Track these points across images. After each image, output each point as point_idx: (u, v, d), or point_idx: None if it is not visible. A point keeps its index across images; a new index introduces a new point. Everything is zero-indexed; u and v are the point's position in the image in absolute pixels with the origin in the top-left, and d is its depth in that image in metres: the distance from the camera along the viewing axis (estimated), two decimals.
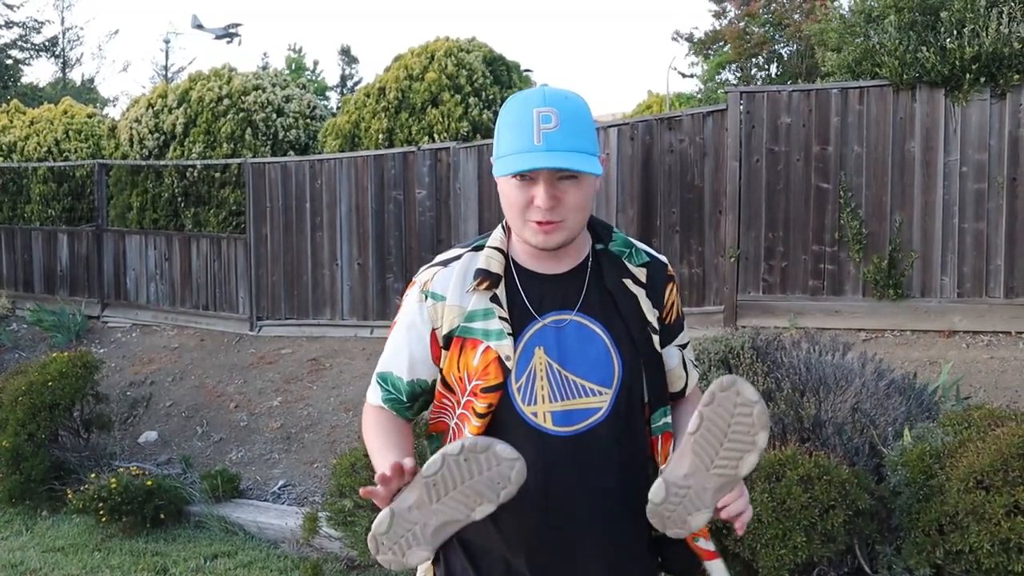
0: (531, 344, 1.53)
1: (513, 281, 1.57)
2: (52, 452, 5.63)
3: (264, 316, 8.49)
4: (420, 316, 1.59)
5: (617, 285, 1.60)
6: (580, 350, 1.54)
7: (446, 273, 1.59)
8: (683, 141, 6.54)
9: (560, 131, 1.44)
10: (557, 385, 1.53)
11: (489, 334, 1.53)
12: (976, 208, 5.79)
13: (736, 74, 21.50)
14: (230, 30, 21.82)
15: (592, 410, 1.53)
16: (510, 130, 1.48)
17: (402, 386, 1.62)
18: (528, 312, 1.55)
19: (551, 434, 1.52)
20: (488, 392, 1.52)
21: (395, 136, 8.55)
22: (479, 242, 1.62)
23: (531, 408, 1.53)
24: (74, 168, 10.76)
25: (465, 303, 1.55)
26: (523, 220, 1.50)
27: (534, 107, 1.46)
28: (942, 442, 3.02)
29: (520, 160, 1.44)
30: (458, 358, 1.56)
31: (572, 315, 1.56)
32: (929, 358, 5.46)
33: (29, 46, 29.36)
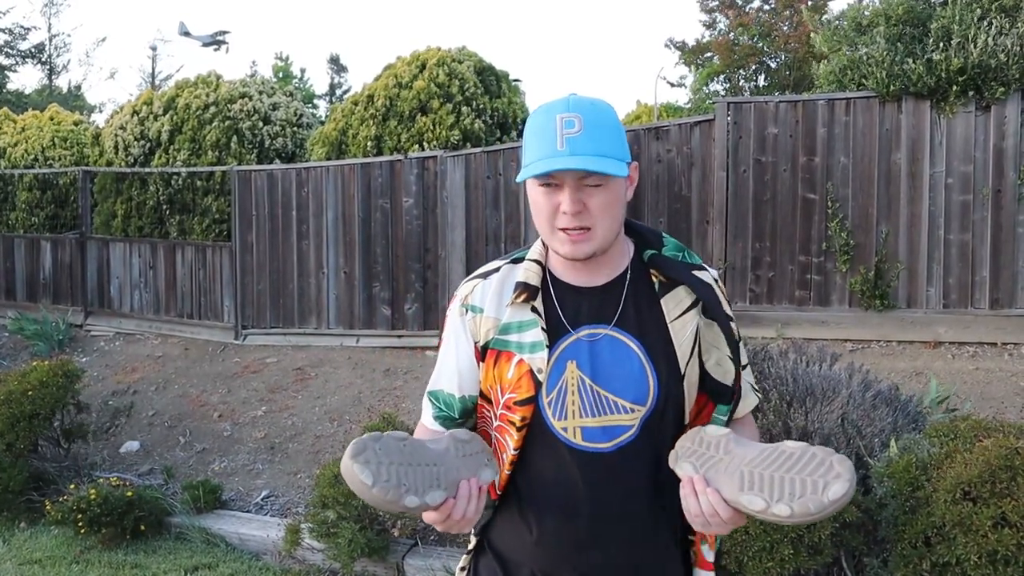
0: (563, 358, 1.51)
1: (549, 294, 1.56)
2: (31, 462, 5.54)
3: (249, 325, 8.42)
4: (463, 330, 1.59)
5: (690, 278, 1.55)
6: (613, 365, 1.51)
7: (485, 285, 1.59)
8: (671, 151, 6.54)
9: (584, 135, 1.42)
10: (589, 400, 1.50)
11: (523, 347, 1.52)
12: (961, 220, 5.81)
13: (724, 85, 21.60)
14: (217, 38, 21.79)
15: (623, 427, 1.50)
16: (534, 137, 1.47)
17: (454, 403, 1.61)
18: (562, 325, 1.53)
19: (580, 450, 1.50)
20: (520, 405, 1.51)
21: (383, 144, 8.52)
22: (519, 255, 1.62)
23: (561, 423, 1.51)
24: (58, 175, 10.69)
25: (501, 315, 1.55)
26: (552, 229, 1.48)
27: (557, 113, 1.44)
28: (928, 453, 3.00)
29: (542, 165, 1.43)
30: (493, 370, 1.55)
31: (608, 329, 1.53)
32: (915, 369, 5.46)
33: (15, 52, 29.22)
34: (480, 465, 1.45)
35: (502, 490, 1.59)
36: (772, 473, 1.33)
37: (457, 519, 1.38)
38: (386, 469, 1.33)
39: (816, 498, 1.27)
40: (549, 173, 1.43)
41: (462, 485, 1.39)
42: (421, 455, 1.38)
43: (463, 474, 1.41)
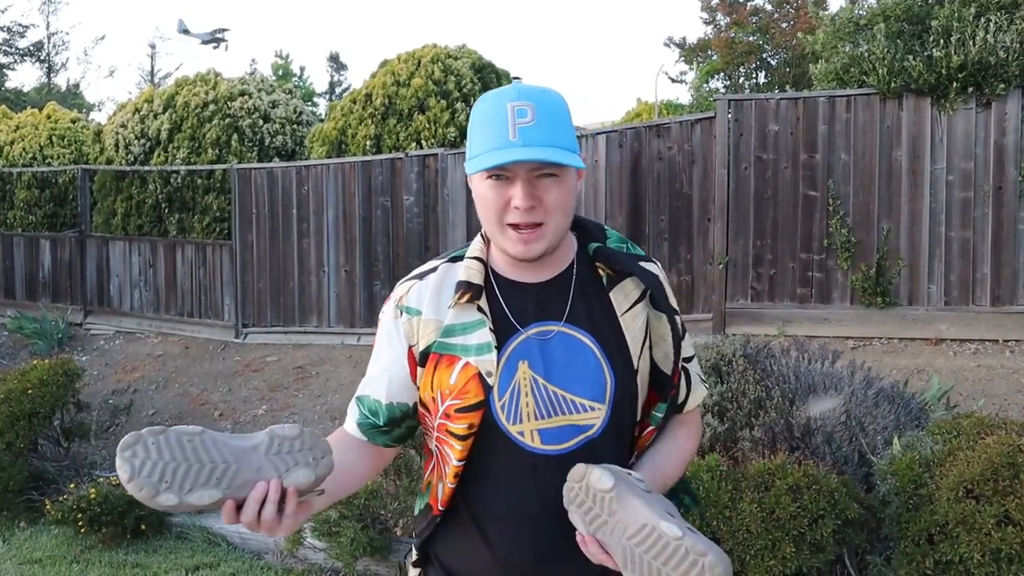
0: (514, 358, 1.43)
1: (493, 292, 1.47)
2: (31, 462, 5.53)
3: (250, 323, 8.41)
4: (396, 333, 1.49)
5: (639, 270, 1.50)
6: (568, 363, 1.43)
7: (422, 286, 1.49)
8: (672, 148, 6.53)
9: (537, 125, 1.34)
10: (544, 401, 1.42)
11: (468, 349, 1.43)
12: (962, 216, 5.80)
13: (724, 82, 21.58)
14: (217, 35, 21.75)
15: (583, 427, 1.42)
16: (483, 127, 1.38)
17: (380, 409, 1.51)
18: (510, 324, 1.44)
19: (540, 453, 1.41)
20: (466, 412, 1.41)
21: (382, 142, 8.51)
22: (457, 253, 1.52)
23: (517, 427, 1.42)
24: (57, 174, 10.67)
25: (442, 317, 1.46)
26: (501, 226, 1.39)
27: (508, 101, 1.36)
28: (931, 451, 2.99)
29: (494, 156, 1.34)
30: (432, 376, 1.45)
31: (559, 326, 1.45)
32: (917, 366, 5.46)
33: (14, 51, 29.19)
34: (294, 464, 1.29)
35: (446, 505, 1.47)
36: (649, 560, 1.26)
37: (247, 522, 1.26)
38: (151, 464, 1.23)
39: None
40: (503, 165, 1.33)
41: (258, 486, 1.26)
42: (211, 452, 1.26)
43: (263, 474, 1.27)
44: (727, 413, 3.51)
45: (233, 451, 1.28)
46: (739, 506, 2.85)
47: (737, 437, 3.40)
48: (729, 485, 2.92)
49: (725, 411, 3.52)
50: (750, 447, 3.31)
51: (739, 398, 3.52)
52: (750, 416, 3.47)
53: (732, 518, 2.84)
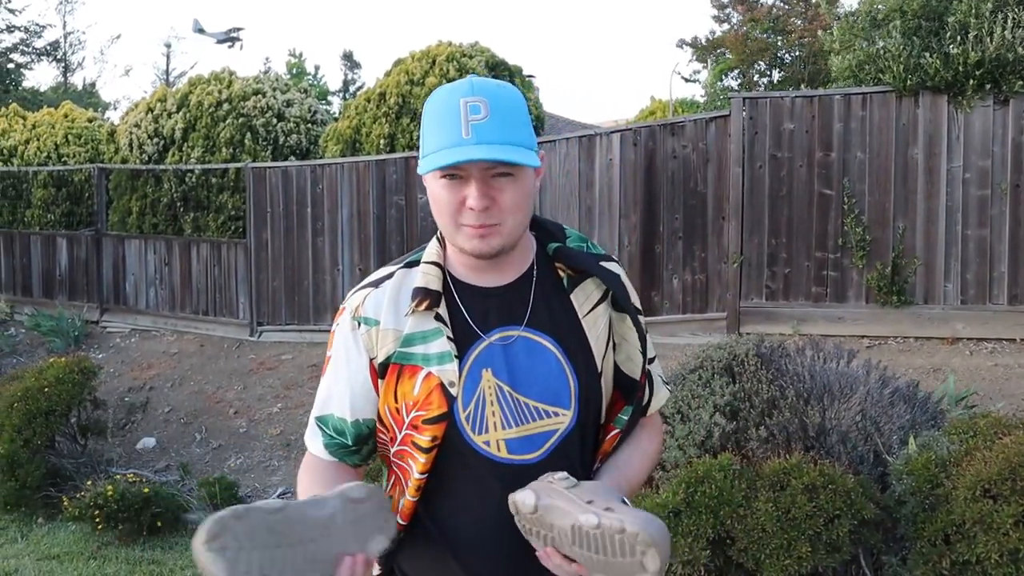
0: (477, 366, 1.38)
1: (453, 298, 1.41)
2: (48, 458, 5.58)
3: (264, 321, 8.45)
4: (355, 346, 1.41)
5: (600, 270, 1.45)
6: (531, 369, 1.39)
7: (378, 295, 1.42)
8: (686, 147, 6.51)
9: (491, 122, 1.28)
10: (510, 410, 1.37)
11: (429, 359, 1.37)
12: (979, 215, 5.76)
13: (738, 80, 21.50)
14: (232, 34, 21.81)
15: (548, 433, 1.38)
16: (435, 123, 1.32)
17: (346, 428, 1.43)
18: (471, 331, 1.39)
19: (507, 463, 1.36)
20: (431, 423, 1.36)
21: (396, 141, 8.52)
22: (412, 257, 1.46)
23: (482, 437, 1.36)
24: (73, 172, 10.74)
25: (401, 326, 1.39)
26: (455, 225, 1.34)
27: (461, 97, 1.30)
28: (948, 451, 2.98)
29: (446, 155, 1.27)
30: (395, 387, 1.39)
31: (520, 330, 1.40)
32: (933, 365, 5.43)
33: (31, 50, 29.39)
34: (372, 532, 1.26)
35: (408, 519, 1.42)
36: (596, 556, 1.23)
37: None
38: (247, 556, 1.13)
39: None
40: (455, 164, 1.27)
41: (344, 564, 1.22)
42: (297, 531, 1.19)
43: (349, 547, 1.23)
44: (740, 413, 3.50)
45: (315, 525, 1.21)
46: (754, 505, 2.84)
47: (748, 436, 3.39)
48: (743, 484, 2.91)
49: (738, 411, 3.51)
50: (758, 445, 3.30)
51: (752, 397, 3.51)
52: (763, 415, 3.46)
53: (747, 517, 2.83)
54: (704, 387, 3.59)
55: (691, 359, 3.89)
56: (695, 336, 6.24)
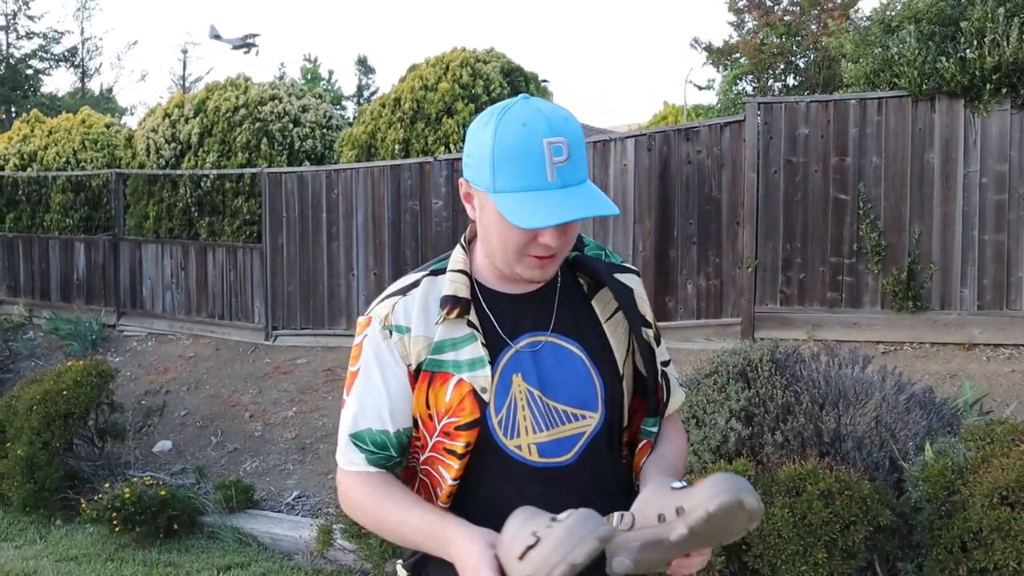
0: (507, 372, 1.41)
1: (481, 305, 1.44)
2: (66, 461, 5.64)
3: (280, 326, 8.49)
4: (391, 354, 1.42)
5: (613, 282, 1.49)
6: (559, 374, 1.43)
7: (407, 302, 1.44)
8: (700, 152, 6.51)
9: (571, 163, 1.32)
10: (540, 414, 1.41)
11: (460, 365, 1.40)
12: (996, 219, 5.73)
13: (752, 85, 21.45)
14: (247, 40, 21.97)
15: (576, 436, 1.42)
16: (515, 161, 1.32)
17: (389, 440, 1.43)
18: (500, 338, 1.42)
19: (539, 467, 1.40)
20: (464, 429, 1.38)
21: (411, 146, 8.56)
22: (437, 265, 1.49)
23: (514, 441, 1.40)
24: (91, 177, 10.84)
25: (432, 333, 1.41)
26: (519, 255, 1.37)
27: (543, 138, 1.31)
28: (964, 457, 2.97)
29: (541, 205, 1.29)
30: (426, 395, 1.41)
31: (547, 336, 1.44)
32: (949, 371, 5.40)
33: (49, 56, 29.68)
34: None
35: None
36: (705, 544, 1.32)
37: None
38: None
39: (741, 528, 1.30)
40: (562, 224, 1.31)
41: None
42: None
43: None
44: (754, 418, 3.49)
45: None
46: (769, 511, 2.84)
47: (763, 442, 3.39)
48: (759, 490, 2.91)
49: (752, 416, 3.50)
50: (773, 451, 3.30)
51: (766, 403, 3.51)
52: (778, 421, 3.45)
53: (762, 523, 2.83)
54: (719, 392, 3.59)
55: (706, 364, 3.89)
56: (709, 341, 6.23)
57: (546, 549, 1.17)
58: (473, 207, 1.43)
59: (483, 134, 1.36)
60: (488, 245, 1.42)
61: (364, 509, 1.44)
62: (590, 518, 1.19)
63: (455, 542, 1.30)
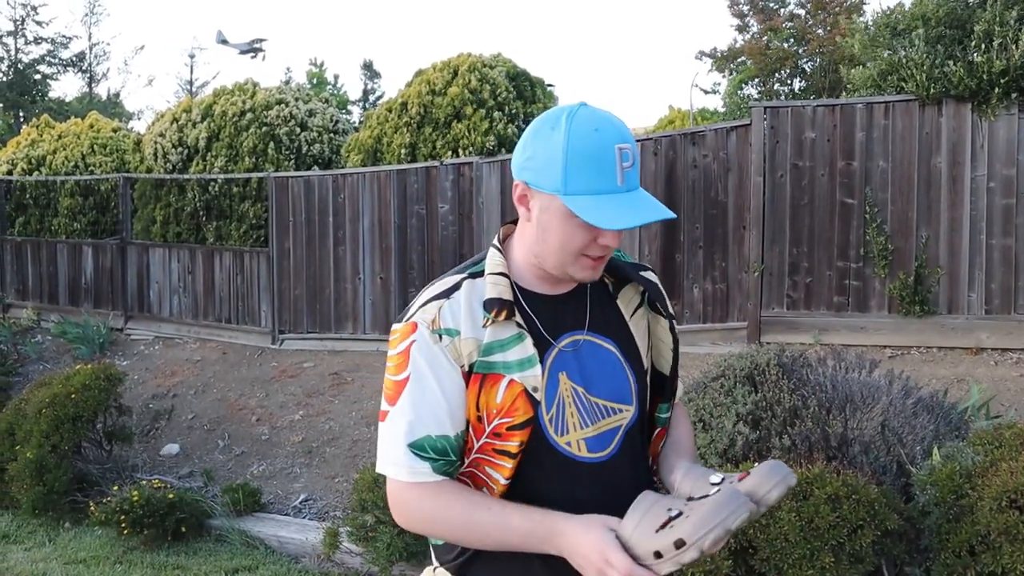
0: (554, 371, 1.45)
1: (522, 306, 1.47)
2: (75, 464, 5.66)
3: (286, 330, 8.51)
4: (445, 358, 1.42)
5: (639, 278, 1.58)
6: (599, 370, 1.49)
7: (452, 305, 1.44)
8: (707, 156, 6.51)
9: (634, 167, 1.40)
10: (585, 410, 1.46)
11: (510, 366, 1.42)
12: (1004, 224, 5.72)
13: (758, 89, 21.44)
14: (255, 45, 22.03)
15: (614, 430, 1.49)
16: (588, 164, 1.36)
17: (449, 444, 1.42)
18: (544, 338, 1.46)
19: (587, 461, 1.45)
20: (517, 429, 1.41)
21: (418, 151, 8.58)
22: (475, 268, 1.49)
23: (564, 438, 1.44)
24: (99, 182, 10.89)
25: (480, 335, 1.43)
26: (576, 256, 1.42)
27: (615, 143, 1.37)
28: (972, 461, 2.96)
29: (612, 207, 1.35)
30: (477, 397, 1.42)
31: (584, 335, 1.50)
32: (956, 375, 5.39)
33: (57, 61, 29.81)
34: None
35: None
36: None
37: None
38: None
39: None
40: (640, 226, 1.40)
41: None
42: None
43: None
44: (761, 422, 3.50)
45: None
46: (777, 514, 2.84)
47: (770, 446, 3.39)
48: None
49: (759, 420, 3.51)
50: (780, 455, 3.30)
51: (773, 407, 3.51)
52: (785, 425, 3.45)
53: (769, 526, 2.83)
54: (726, 396, 3.59)
55: (712, 368, 3.89)
56: (715, 345, 6.23)
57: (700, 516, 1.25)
58: (529, 209, 1.45)
59: (552, 138, 1.39)
60: (543, 246, 1.44)
61: (444, 518, 1.42)
62: (737, 495, 1.28)
63: (566, 533, 1.32)
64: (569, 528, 1.32)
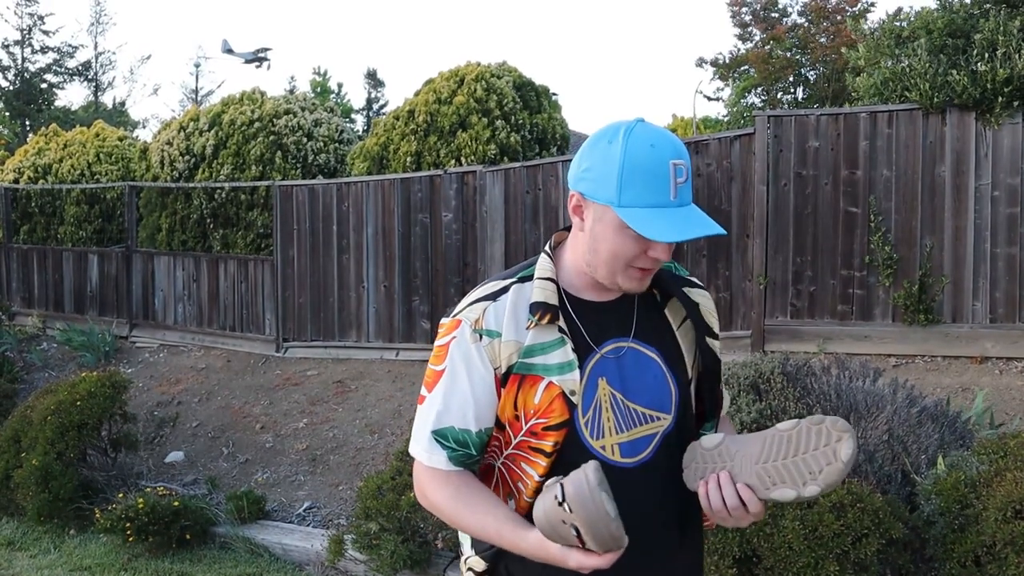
0: (593, 376, 1.49)
1: (568, 312, 1.52)
2: (80, 471, 5.67)
3: (290, 337, 8.53)
4: (480, 358, 1.49)
5: (681, 295, 1.59)
6: (640, 378, 1.52)
7: (497, 308, 1.50)
8: (710, 165, 6.53)
9: (687, 185, 1.44)
10: (621, 415, 1.50)
11: (550, 369, 1.47)
12: (1008, 232, 5.72)
13: (762, 97, 21.47)
14: (259, 54, 22.13)
15: (651, 436, 1.51)
16: (644, 178, 1.41)
17: (471, 439, 1.50)
18: (586, 343, 1.50)
19: (620, 467, 1.49)
20: (553, 430, 1.47)
21: (423, 159, 8.60)
22: (525, 272, 1.54)
23: (599, 442, 1.49)
24: (105, 190, 10.93)
25: (522, 338, 1.48)
26: (625, 267, 1.47)
27: (670, 159, 1.42)
28: (977, 471, 2.96)
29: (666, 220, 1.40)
30: (515, 396, 1.49)
31: (629, 342, 1.53)
32: (961, 384, 5.38)
33: (63, 70, 29.94)
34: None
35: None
36: (784, 463, 1.40)
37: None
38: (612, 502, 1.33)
39: (833, 467, 1.37)
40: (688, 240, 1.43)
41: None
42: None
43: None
44: None
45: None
46: (780, 523, 2.84)
47: None
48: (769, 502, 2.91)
49: (764, 429, 3.51)
50: None
51: (778, 415, 3.51)
52: None
53: (773, 535, 2.83)
54: (731, 404, 3.60)
55: None
56: (720, 354, 6.23)
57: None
58: (582, 219, 1.50)
59: (609, 151, 1.44)
60: (594, 255, 1.49)
61: (442, 509, 1.52)
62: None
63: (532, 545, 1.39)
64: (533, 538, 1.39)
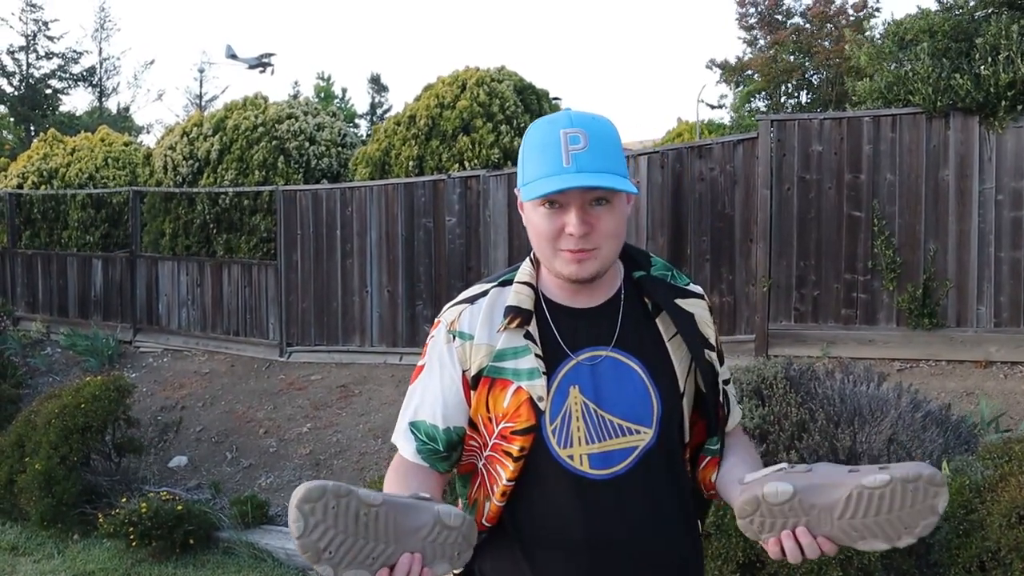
0: (565, 383, 1.45)
1: (544, 317, 1.49)
2: (84, 475, 5.67)
3: (294, 342, 8.54)
4: (450, 358, 1.49)
5: (672, 307, 1.51)
6: (617, 388, 1.46)
7: (473, 311, 1.50)
8: (713, 169, 6.53)
9: (590, 152, 1.37)
10: (594, 426, 1.44)
11: (520, 374, 1.45)
12: (1013, 236, 5.71)
13: (765, 102, 21.47)
14: (263, 60, 22.15)
15: (629, 450, 1.45)
16: (536, 153, 1.41)
17: (438, 435, 1.50)
18: (561, 350, 1.47)
19: (589, 478, 1.44)
20: (520, 435, 1.44)
21: (425, 163, 8.62)
22: (506, 276, 1.53)
23: (567, 451, 1.44)
24: (110, 195, 10.95)
25: (494, 341, 1.47)
26: (554, 250, 1.42)
27: (561, 128, 1.39)
28: (982, 475, 2.95)
29: (549, 183, 1.36)
30: (486, 399, 1.47)
31: (607, 351, 1.47)
32: (965, 389, 5.37)
33: (68, 76, 30.00)
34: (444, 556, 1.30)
35: (493, 522, 1.50)
36: (876, 519, 1.28)
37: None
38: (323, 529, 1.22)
39: (930, 521, 1.28)
40: (560, 191, 1.36)
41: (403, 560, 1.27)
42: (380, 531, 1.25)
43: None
44: (769, 436, 3.49)
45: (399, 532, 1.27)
46: None
47: (778, 459, 3.38)
48: None
49: (767, 434, 3.50)
50: None
51: (781, 420, 3.51)
52: (792, 438, 3.45)
53: None
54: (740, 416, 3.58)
55: None
56: (719, 366, 6.22)
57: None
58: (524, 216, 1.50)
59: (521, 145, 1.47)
60: (535, 248, 1.48)
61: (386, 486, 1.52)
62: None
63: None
64: None
